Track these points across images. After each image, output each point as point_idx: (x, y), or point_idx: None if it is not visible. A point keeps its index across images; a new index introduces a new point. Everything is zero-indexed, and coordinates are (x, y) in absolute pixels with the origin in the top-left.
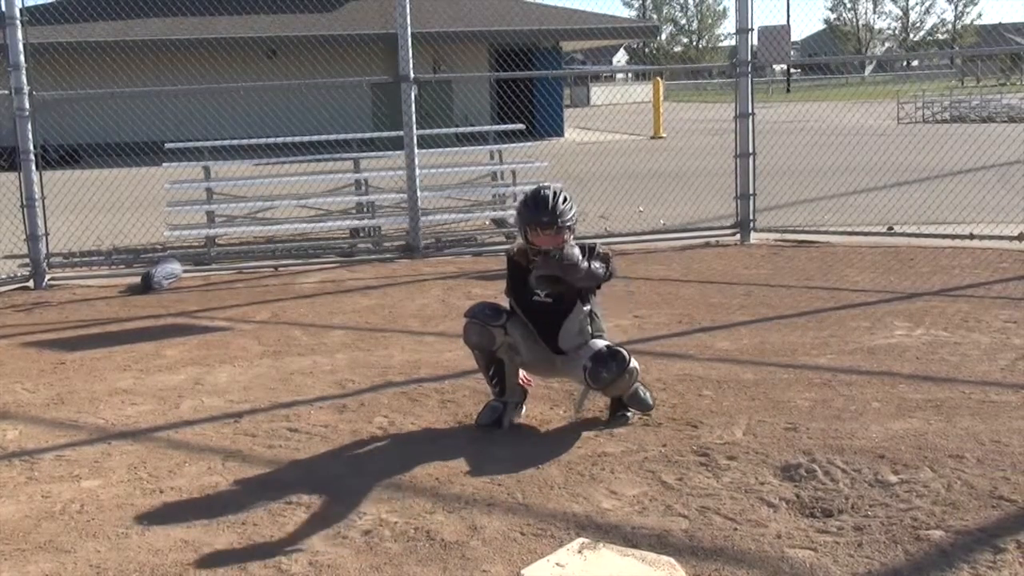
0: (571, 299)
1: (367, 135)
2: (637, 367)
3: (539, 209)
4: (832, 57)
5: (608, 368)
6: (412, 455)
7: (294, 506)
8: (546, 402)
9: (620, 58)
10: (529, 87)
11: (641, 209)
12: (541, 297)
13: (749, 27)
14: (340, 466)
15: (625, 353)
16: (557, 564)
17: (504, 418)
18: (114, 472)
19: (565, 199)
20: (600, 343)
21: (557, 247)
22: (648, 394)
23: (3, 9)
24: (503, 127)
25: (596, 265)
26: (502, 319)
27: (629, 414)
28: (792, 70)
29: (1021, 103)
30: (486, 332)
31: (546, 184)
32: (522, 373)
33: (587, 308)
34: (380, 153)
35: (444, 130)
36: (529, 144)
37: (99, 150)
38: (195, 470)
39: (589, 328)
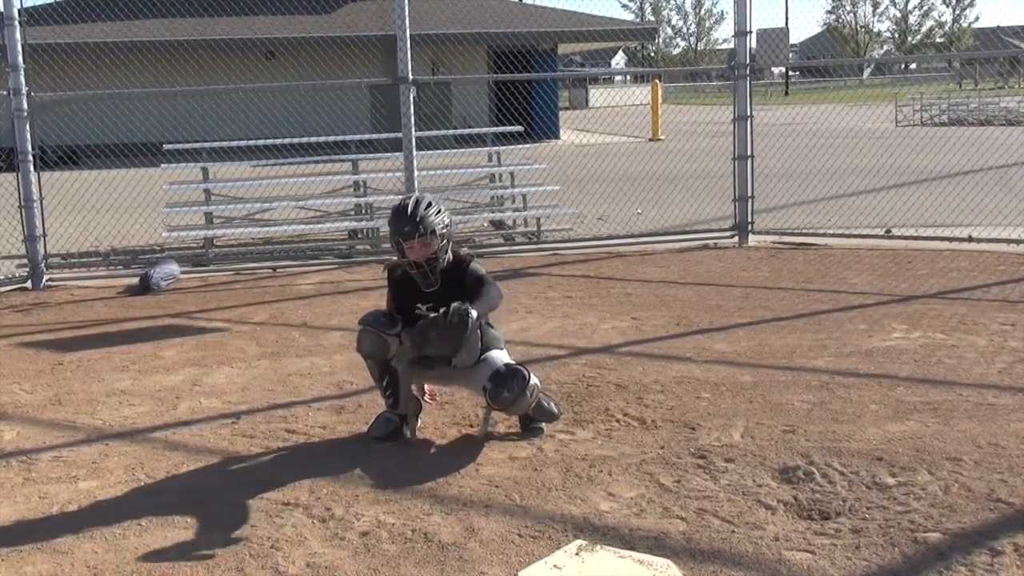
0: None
1: (366, 137)
2: (537, 384)
3: (400, 219)
4: (830, 60)
5: (509, 388)
6: (410, 456)
7: (291, 507)
8: None
9: (618, 60)
10: (527, 89)
11: (640, 211)
12: (423, 311)
13: (748, 30)
14: (338, 467)
15: (524, 371)
16: (555, 566)
17: (404, 431)
18: (111, 473)
19: (429, 204)
20: (497, 358)
21: (425, 261)
22: (552, 403)
23: (1, 9)
24: (502, 129)
25: (478, 309)
26: (397, 328)
27: (543, 427)
28: (790, 73)
29: (1019, 106)
30: (380, 341)
31: (410, 195)
32: (428, 387)
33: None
34: (378, 155)
35: (443, 132)
36: (527, 146)
37: (97, 151)
38: (193, 471)
39: (479, 342)
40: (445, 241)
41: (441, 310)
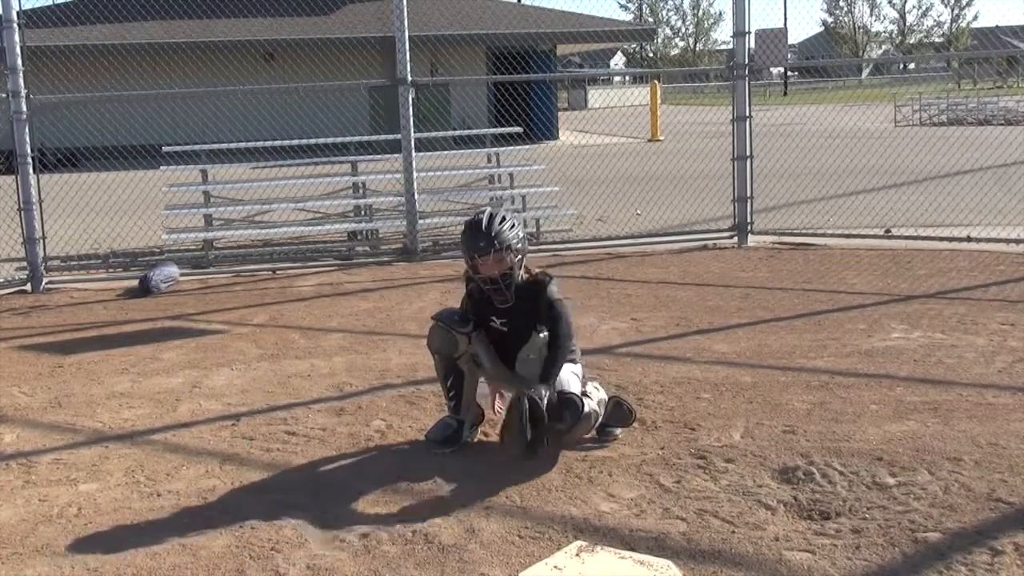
0: (528, 330)
1: (365, 138)
2: (595, 410)
3: (475, 235)
4: (829, 60)
5: (562, 420)
6: (410, 458)
7: (292, 509)
8: None
9: (617, 61)
10: (526, 90)
11: (639, 212)
12: (496, 324)
13: (746, 30)
14: (338, 469)
15: (578, 401)
16: (555, 567)
17: (460, 438)
18: (111, 475)
19: (503, 219)
20: (564, 378)
21: (500, 277)
22: (625, 406)
23: (0, 12)
24: (501, 130)
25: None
26: (468, 327)
27: (617, 431)
28: (789, 73)
29: (1018, 105)
30: (450, 337)
31: (483, 208)
32: (499, 403)
33: (543, 336)
34: (378, 156)
35: (442, 133)
36: (526, 147)
37: (97, 153)
38: (192, 473)
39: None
40: (520, 256)
41: (525, 404)
